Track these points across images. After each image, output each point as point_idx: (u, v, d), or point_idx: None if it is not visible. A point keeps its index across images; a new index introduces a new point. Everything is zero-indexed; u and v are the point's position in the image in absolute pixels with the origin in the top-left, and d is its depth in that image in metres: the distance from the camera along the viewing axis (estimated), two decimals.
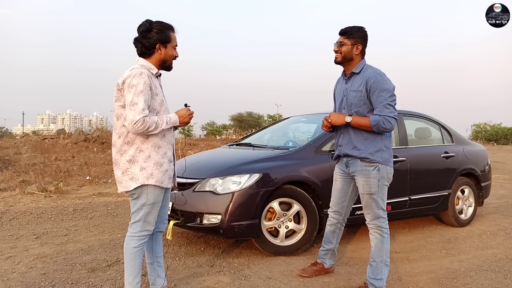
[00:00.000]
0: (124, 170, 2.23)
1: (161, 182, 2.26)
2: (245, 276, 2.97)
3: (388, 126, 2.55)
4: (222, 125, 47.14)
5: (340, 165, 2.85)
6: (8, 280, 2.87)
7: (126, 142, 2.24)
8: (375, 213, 2.66)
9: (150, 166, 2.22)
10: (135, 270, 2.29)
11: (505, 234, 4.37)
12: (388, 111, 2.55)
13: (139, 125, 2.10)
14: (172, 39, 2.31)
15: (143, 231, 2.29)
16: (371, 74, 2.62)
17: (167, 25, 2.30)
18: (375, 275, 2.65)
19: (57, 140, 15.05)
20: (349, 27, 2.68)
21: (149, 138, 2.24)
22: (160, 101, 2.28)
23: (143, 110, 2.11)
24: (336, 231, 2.94)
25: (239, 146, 4.54)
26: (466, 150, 4.80)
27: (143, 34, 2.25)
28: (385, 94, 2.57)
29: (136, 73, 2.16)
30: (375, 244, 2.68)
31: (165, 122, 2.23)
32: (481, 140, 36.67)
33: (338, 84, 2.90)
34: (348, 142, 2.70)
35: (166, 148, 2.31)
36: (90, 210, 5.26)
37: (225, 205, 3.21)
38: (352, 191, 2.85)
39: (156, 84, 2.30)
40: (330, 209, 2.94)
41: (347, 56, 2.67)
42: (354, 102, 2.66)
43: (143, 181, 2.21)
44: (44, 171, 8.41)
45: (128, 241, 2.29)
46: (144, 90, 2.15)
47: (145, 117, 2.11)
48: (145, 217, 2.27)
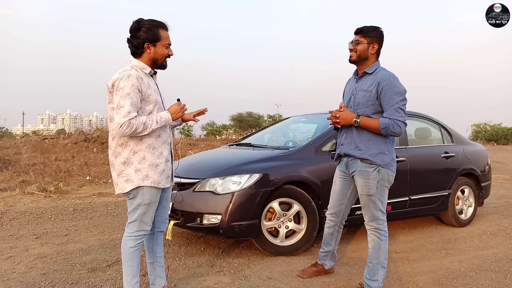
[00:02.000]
0: (119, 172, 2.23)
1: (158, 183, 2.25)
2: (245, 276, 2.97)
3: (398, 131, 2.52)
4: (222, 125, 47.15)
5: (341, 167, 2.83)
6: (8, 280, 2.87)
7: (120, 144, 2.23)
8: (373, 215, 2.65)
9: (145, 168, 2.21)
10: (133, 270, 2.28)
11: (505, 234, 4.37)
12: (399, 115, 2.52)
13: (124, 128, 2.09)
14: (162, 38, 2.25)
15: (140, 231, 2.28)
16: (384, 76, 2.58)
17: (157, 23, 2.24)
18: (371, 276, 2.65)
19: (57, 140, 15.06)
20: (366, 26, 2.65)
21: (143, 139, 2.22)
22: (153, 101, 2.25)
23: (129, 113, 2.09)
24: (335, 233, 2.93)
25: (239, 146, 4.54)
26: (466, 150, 4.80)
27: (132, 34, 2.24)
28: (397, 97, 2.53)
29: (123, 76, 2.14)
30: (372, 246, 2.67)
31: (155, 122, 2.20)
32: (481, 140, 36.67)
33: (349, 83, 2.88)
34: (351, 141, 2.67)
35: (162, 148, 2.29)
36: (90, 210, 5.26)
37: (225, 205, 3.21)
38: (351, 193, 2.83)
39: (150, 84, 2.26)
40: (328, 211, 2.92)
41: (362, 55, 2.64)
42: (362, 102, 2.63)
43: (138, 182, 2.20)
44: (44, 171, 8.41)
45: (125, 241, 2.29)
46: (131, 92, 2.12)
47: (130, 119, 2.09)
48: (141, 217, 2.26)
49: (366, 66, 2.68)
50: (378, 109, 2.60)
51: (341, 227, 2.94)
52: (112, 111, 2.20)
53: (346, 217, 2.92)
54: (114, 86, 2.15)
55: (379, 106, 2.59)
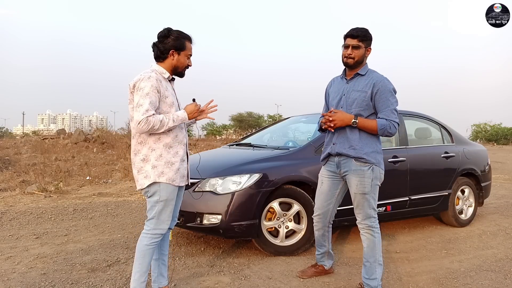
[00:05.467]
0: (139, 168, 2.33)
1: (173, 180, 2.33)
2: (245, 276, 2.97)
3: (393, 131, 2.61)
4: (222, 125, 47.14)
5: (329, 166, 2.81)
6: (8, 280, 2.87)
7: (139, 142, 2.34)
8: (367, 213, 2.66)
9: (161, 165, 2.31)
10: (142, 268, 2.32)
11: (505, 234, 4.37)
12: (394, 116, 2.61)
13: (142, 125, 2.20)
14: (186, 48, 2.40)
15: (156, 229, 2.34)
16: (379, 78, 2.65)
17: (184, 35, 2.40)
18: (370, 275, 2.66)
19: (57, 140, 15.05)
20: (360, 29, 2.65)
21: (161, 138, 2.33)
22: (170, 103, 2.35)
23: (147, 110, 2.21)
24: (326, 234, 2.92)
25: (239, 146, 4.54)
26: (466, 150, 4.80)
27: (160, 39, 2.37)
28: (392, 99, 2.62)
29: (144, 77, 2.26)
30: (367, 245, 2.68)
31: (172, 120, 2.29)
32: (481, 140, 36.68)
33: (334, 83, 2.88)
34: (344, 141, 2.67)
35: (178, 148, 2.38)
36: (90, 210, 5.26)
37: (225, 205, 3.21)
38: (339, 193, 2.83)
39: (168, 87, 2.37)
40: (315, 213, 2.90)
41: (360, 59, 2.67)
42: (356, 102, 2.65)
43: (154, 178, 2.30)
44: (44, 171, 8.41)
45: (141, 238, 2.36)
46: (151, 92, 2.24)
47: (148, 117, 2.20)
48: (158, 214, 2.33)
49: (358, 68, 2.71)
50: (371, 109, 2.66)
51: (330, 226, 2.93)
52: (132, 111, 2.31)
53: (333, 217, 2.91)
54: (136, 86, 2.27)
55: (373, 107, 2.65)
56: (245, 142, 4.73)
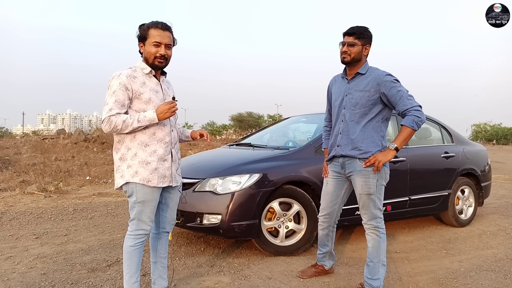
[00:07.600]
0: (117, 167, 2.29)
1: (148, 181, 2.22)
2: (245, 276, 2.97)
3: (422, 116, 2.51)
4: (222, 125, 47.14)
5: (334, 167, 2.81)
6: (8, 280, 2.87)
7: (118, 141, 2.30)
8: (372, 213, 2.65)
9: (136, 164, 2.23)
10: (131, 269, 2.29)
11: (505, 234, 4.37)
12: (412, 101, 2.53)
13: (105, 124, 2.15)
14: (150, 36, 2.22)
15: (139, 230, 2.28)
16: (381, 75, 2.61)
17: (150, 23, 2.25)
18: (372, 275, 2.65)
19: (57, 140, 15.05)
20: (358, 27, 2.64)
21: (136, 136, 2.25)
22: (146, 100, 2.23)
23: (110, 109, 2.15)
24: (330, 234, 2.93)
25: (239, 146, 4.54)
26: (466, 150, 4.80)
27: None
28: (400, 87, 2.58)
29: (115, 75, 2.21)
30: (372, 245, 2.67)
31: (137, 120, 2.17)
32: (481, 140, 36.68)
33: (336, 83, 2.86)
34: (348, 142, 2.66)
35: (156, 146, 2.26)
36: (90, 210, 5.26)
37: (225, 205, 3.21)
38: (345, 193, 2.83)
39: (147, 83, 2.26)
40: (321, 213, 2.90)
41: (356, 57, 2.64)
42: (360, 102, 2.63)
43: (128, 178, 2.23)
44: (44, 171, 8.41)
45: (126, 239, 2.31)
46: (117, 90, 2.16)
47: (110, 116, 2.14)
48: (138, 215, 2.27)
49: (358, 67, 2.69)
50: (380, 107, 2.63)
51: (335, 226, 2.93)
52: None
53: (339, 217, 2.91)
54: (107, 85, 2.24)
55: (382, 104, 2.62)
56: (245, 142, 4.73)
